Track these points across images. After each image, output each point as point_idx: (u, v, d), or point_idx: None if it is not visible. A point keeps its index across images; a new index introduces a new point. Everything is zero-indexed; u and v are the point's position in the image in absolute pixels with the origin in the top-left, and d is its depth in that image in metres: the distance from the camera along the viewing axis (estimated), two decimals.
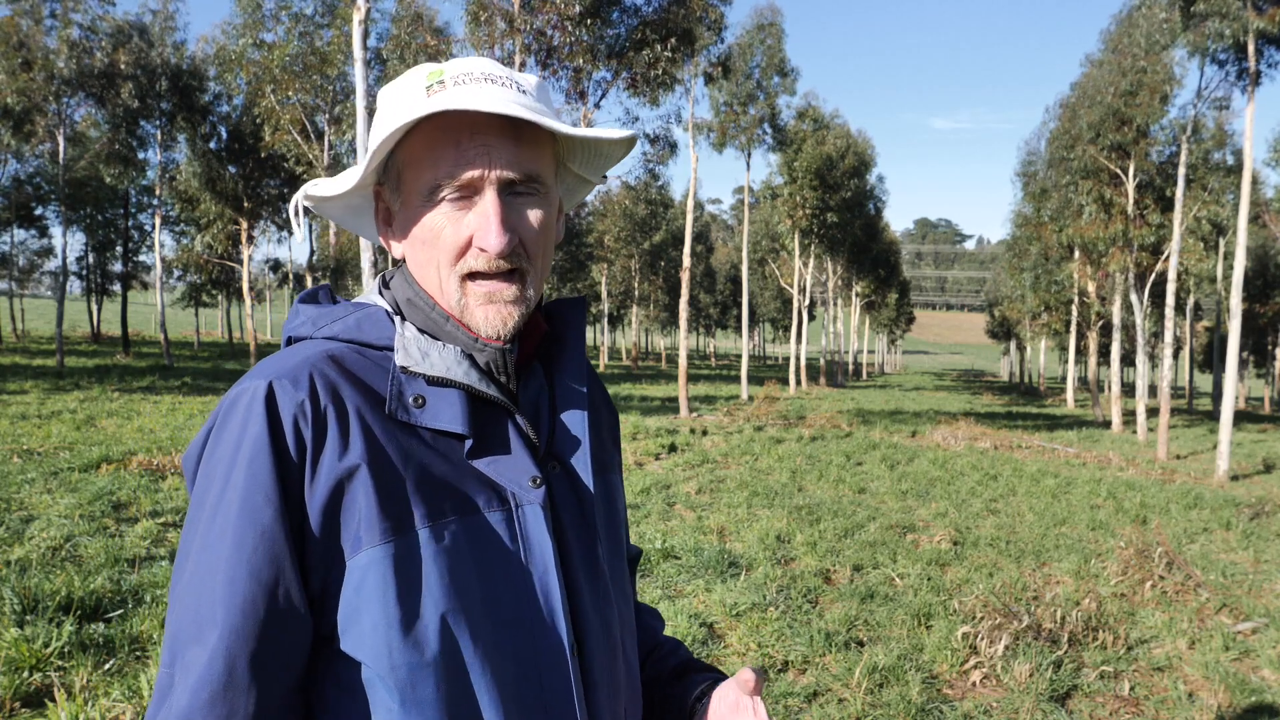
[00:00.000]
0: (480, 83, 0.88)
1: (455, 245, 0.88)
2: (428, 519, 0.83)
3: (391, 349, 0.90)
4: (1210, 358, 50.22)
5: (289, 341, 0.94)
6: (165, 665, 0.80)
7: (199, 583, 0.78)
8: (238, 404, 0.82)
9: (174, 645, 0.79)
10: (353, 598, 0.80)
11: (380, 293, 0.96)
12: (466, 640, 0.81)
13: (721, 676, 1.10)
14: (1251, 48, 15.54)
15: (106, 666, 3.93)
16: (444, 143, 0.87)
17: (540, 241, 0.91)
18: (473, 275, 0.89)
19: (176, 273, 40.75)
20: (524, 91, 0.90)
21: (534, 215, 0.90)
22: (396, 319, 0.92)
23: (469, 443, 0.88)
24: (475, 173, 0.86)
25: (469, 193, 0.88)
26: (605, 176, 1.06)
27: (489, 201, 0.87)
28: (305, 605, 0.81)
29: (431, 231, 0.89)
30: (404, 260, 0.96)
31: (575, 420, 0.96)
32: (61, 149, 25.22)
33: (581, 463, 0.95)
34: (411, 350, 0.88)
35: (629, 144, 0.96)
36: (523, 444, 0.91)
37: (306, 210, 1.00)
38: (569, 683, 0.87)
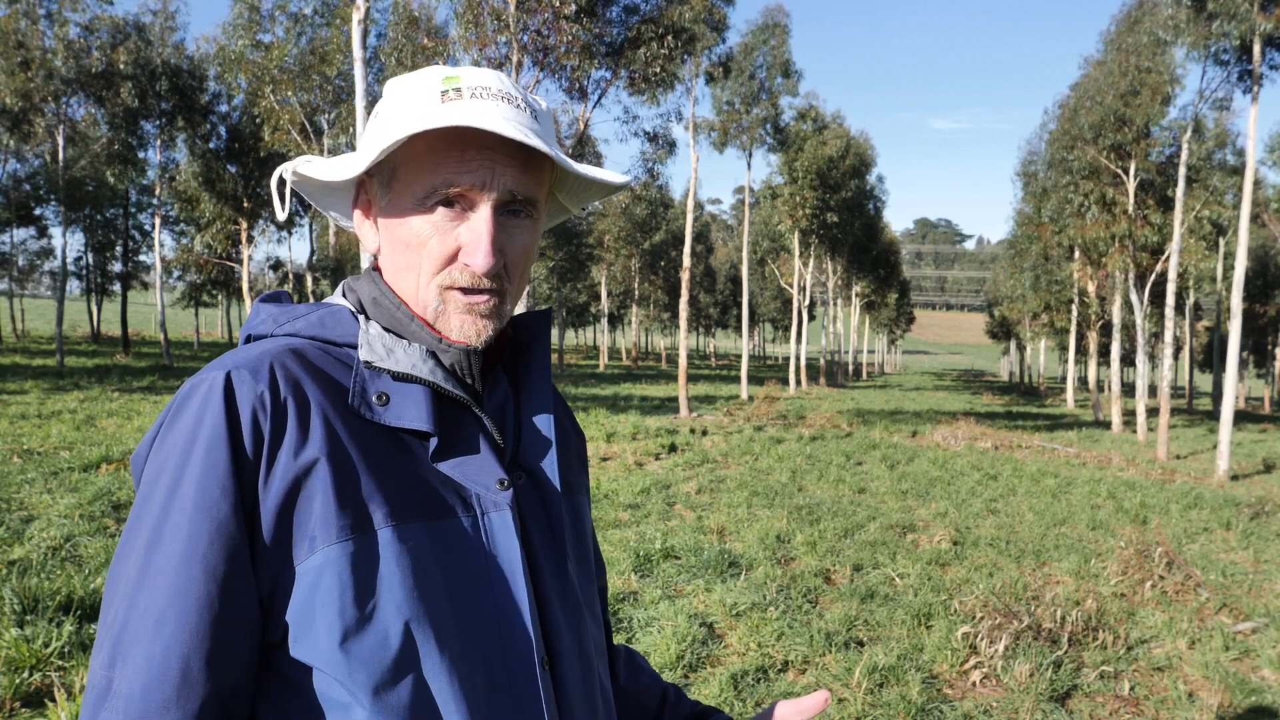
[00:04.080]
0: (497, 100, 0.86)
1: (441, 255, 0.87)
2: (390, 518, 0.79)
3: (355, 346, 0.88)
4: (1210, 358, 50.23)
5: (248, 340, 0.90)
6: (102, 667, 0.75)
7: (149, 580, 0.75)
8: (194, 394, 0.79)
9: (115, 646, 0.74)
10: (306, 600, 0.77)
11: (344, 296, 0.95)
12: (432, 646, 0.78)
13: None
14: (1257, 49, 15.53)
15: None
16: (448, 151, 0.85)
17: (523, 265, 0.91)
18: (452, 287, 0.88)
19: (176, 273, 40.73)
20: (535, 117, 0.89)
21: (522, 239, 0.89)
22: (360, 317, 0.90)
23: (434, 442, 0.85)
24: (475, 187, 0.85)
25: (464, 205, 0.86)
26: (584, 208, 1.06)
27: (483, 219, 0.86)
28: (258, 603, 0.78)
29: (418, 237, 0.87)
30: (377, 255, 0.94)
31: (542, 426, 0.94)
32: (61, 149, 25.21)
33: (550, 469, 0.92)
34: (376, 346, 0.86)
35: (621, 185, 0.97)
36: (489, 446, 0.88)
37: (285, 185, 0.97)
38: (539, 696, 0.84)
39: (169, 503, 0.76)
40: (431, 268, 0.87)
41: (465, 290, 0.88)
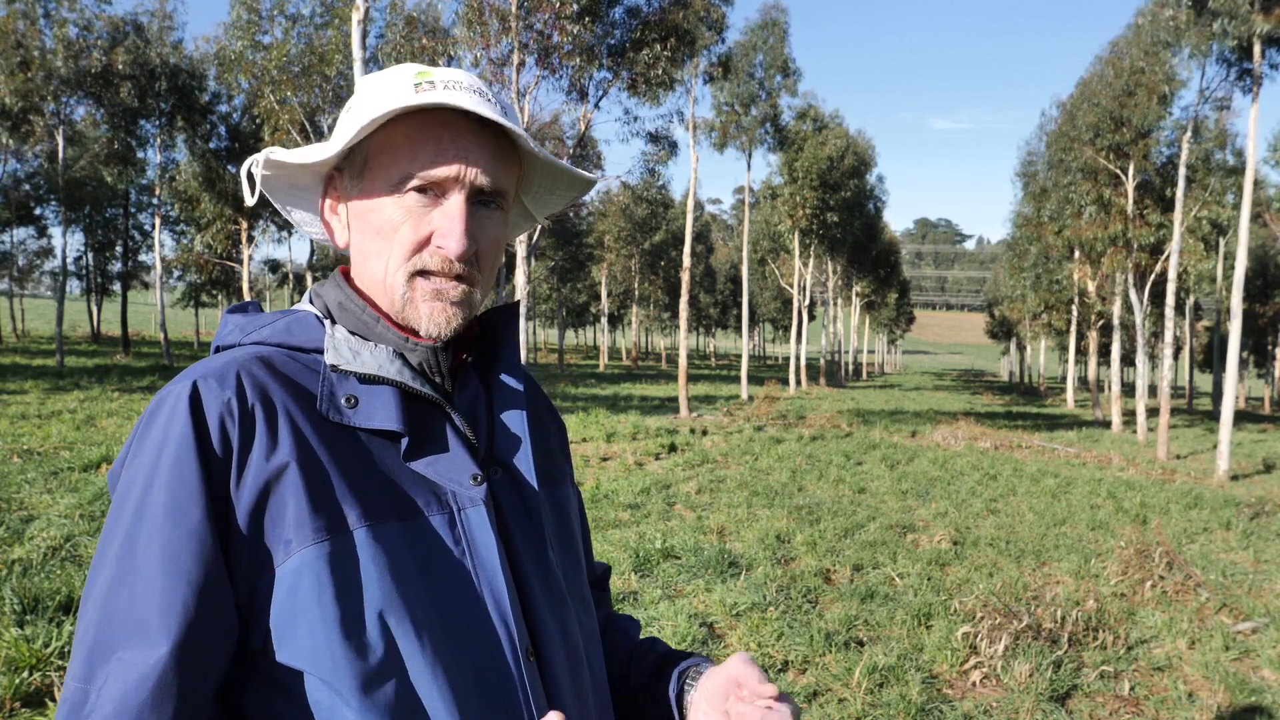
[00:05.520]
0: (469, 93, 0.88)
1: (414, 240, 0.87)
2: (365, 519, 0.80)
3: (321, 351, 0.88)
4: (1210, 358, 50.21)
5: (217, 351, 0.90)
6: (76, 679, 0.74)
7: (125, 590, 0.74)
8: (161, 406, 0.80)
9: (91, 657, 0.74)
10: (286, 603, 0.76)
11: (311, 301, 0.95)
12: (415, 644, 0.78)
13: (698, 662, 1.04)
14: (1257, 49, 15.52)
15: None
16: (424, 138, 0.86)
17: (493, 255, 0.91)
18: (423, 272, 0.88)
19: (176, 273, 40.73)
20: (505, 112, 0.90)
21: (492, 230, 0.90)
22: (326, 322, 0.90)
23: (405, 442, 0.85)
24: (450, 172, 0.86)
25: (438, 192, 0.87)
26: (547, 219, 1.08)
27: (457, 205, 0.87)
28: (234, 607, 0.78)
29: (390, 223, 0.87)
30: (347, 249, 0.94)
31: (514, 420, 0.94)
32: (60, 149, 25.21)
33: (524, 463, 0.92)
34: (342, 350, 0.87)
35: (585, 187, 0.98)
36: (461, 443, 0.88)
37: (255, 178, 0.97)
38: (525, 687, 0.84)
39: (140, 513, 0.76)
40: (403, 253, 0.88)
41: (434, 274, 0.88)
